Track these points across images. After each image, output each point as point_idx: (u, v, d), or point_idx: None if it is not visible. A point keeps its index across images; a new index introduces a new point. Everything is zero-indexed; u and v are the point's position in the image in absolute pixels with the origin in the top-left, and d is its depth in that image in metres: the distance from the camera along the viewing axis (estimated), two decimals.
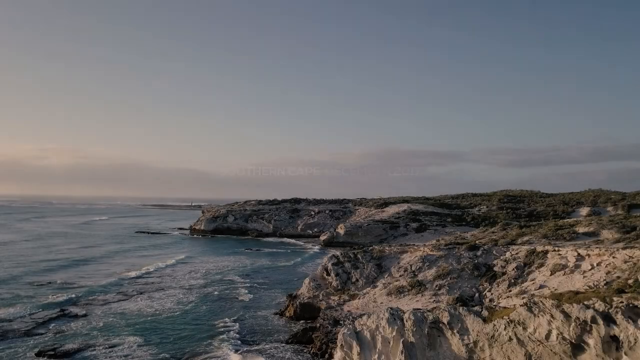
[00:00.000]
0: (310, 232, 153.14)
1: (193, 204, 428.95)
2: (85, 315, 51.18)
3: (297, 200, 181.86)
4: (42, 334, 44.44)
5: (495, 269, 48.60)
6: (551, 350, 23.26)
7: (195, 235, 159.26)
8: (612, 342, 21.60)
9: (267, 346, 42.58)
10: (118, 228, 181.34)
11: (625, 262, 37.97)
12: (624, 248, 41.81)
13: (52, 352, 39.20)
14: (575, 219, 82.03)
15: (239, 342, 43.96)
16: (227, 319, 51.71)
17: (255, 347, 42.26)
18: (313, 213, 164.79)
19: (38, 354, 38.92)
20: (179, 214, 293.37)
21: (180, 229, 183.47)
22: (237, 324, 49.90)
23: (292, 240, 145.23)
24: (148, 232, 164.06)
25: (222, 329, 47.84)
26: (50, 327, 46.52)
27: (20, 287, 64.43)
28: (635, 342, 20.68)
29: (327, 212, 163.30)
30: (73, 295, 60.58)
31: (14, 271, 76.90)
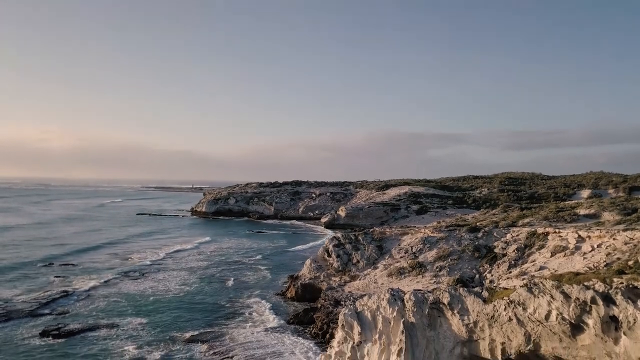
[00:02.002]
0: (312, 214, 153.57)
1: (194, 187, 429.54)
2: (88, 296, 51.64)
3: (298, 183, 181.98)
4: (46, 314, 44.91)
5: (496, 250, 48.80)
6: (550, 330, 23.43)
7: (196, 217, 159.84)
8: (612, 323, 21.73)
9: (268, 326, 43.02)
10: (130, 211, 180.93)
11: (626, 243, 38.07)
12: (624, 230, 41.89)
13: (57, 332, 39.66)
14: (576, 201, 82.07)
15: (240, 322, 44.42)
16: (228, 299, 52.15)
17: (257, 327, 42.68)
18: (314, 195, 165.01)
19: (42, 334, 39.40)
20: (184, 197, 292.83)
21: (181, 210, 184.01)
22: (239, 304, 50.34)
23: (293, 223, 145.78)
24: (149, 214, 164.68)
25: (223, 310, 48.28)
26: (54, 308, 47.00)
27: (29, 269, 64.79)
28: (635, 322, 20.80)
29: (328, 194, 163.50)
30: (77, 276, 61.07)
31: (27, 253, 77.45)
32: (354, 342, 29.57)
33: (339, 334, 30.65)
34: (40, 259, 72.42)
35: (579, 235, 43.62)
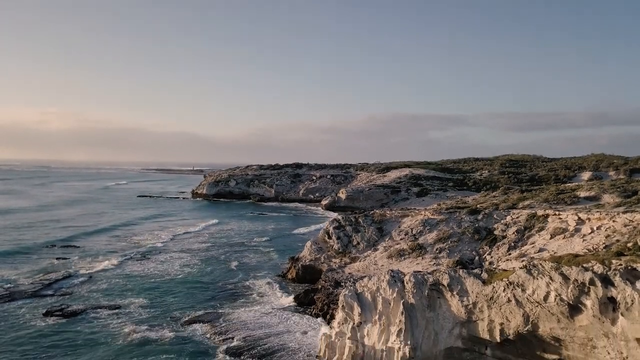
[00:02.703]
0: (312, 196, 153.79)
1: (194, 169, 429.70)
2: (91, 278, 52.05)
3: (298, 165, 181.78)
4: (48, 295, 45.34)
5: (496, 232, 48.98)
6: (549, 311, 23.65)
7: (197, 200, 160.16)
8: (609, 304, 21.92)
9: (269, 307, 43.44)
10: (135, 193, 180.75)
11: (625, 225, 38.17)
12: (624, 212, 41.95)
13: (60, 313, 40.10)
14: (576, 184, 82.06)
15: (242, 300, 44.87)
16: (230, 281, 52.58)
17: (258, 308, 43.11)
18: (315, 178, 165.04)
19: (46, 314, 39.85)
20: (186, 179, 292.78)
21: (183, 192, 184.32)
22: (240, 285, 50.78)
23: (294, 205, 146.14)
24: (150, 196, 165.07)
25: (225, 290, 48.72)
26: (57, 289, 47.41)
27: (32, 251, 65.02)
28: (633, 303, 20.98)
29: (328, 177, 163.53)
30: (79, 258, 61.49)
31: (31, 236, 77.89)
32: (354, 323, 29.90)
33: (339, 315, 30.96)
34: (44, 241, 72.76)
35: (579, 218, 43.73)
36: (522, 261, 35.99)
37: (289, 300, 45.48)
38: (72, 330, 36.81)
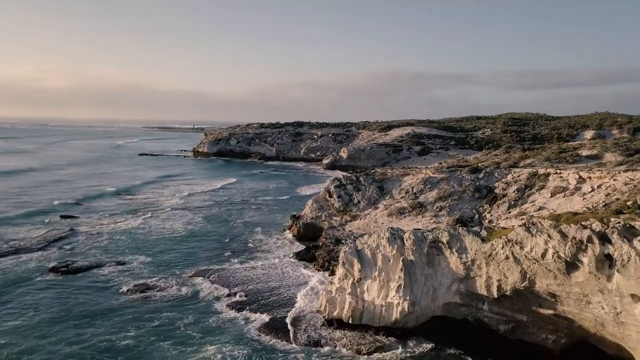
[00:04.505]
0: (313, 155, 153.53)
1: (195, 127, 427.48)
2: (95, 236, 52.70)
3: (300, 124, 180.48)
4: (53, 252, 45.97)
5: (496, 191, 49.14)
6: (546, 268, 24.00)
7: (199, 158, 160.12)
8: (606, 261, 22.20)
9: (271, 262, 44.19)
10: (144, 151, 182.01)
11: (626, 184, 38.21)
12: (625, 171, 41.90)
13: (65, 269, 40.85)
14: (579, 142, 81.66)
15: (245, 257, 45.62)
16: (232, 238, 53.26)
17: (260, 263, 43.87)
18: (316, 137, 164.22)
19: (51, 270, 40.59)
20: (191, 137, 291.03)
21: (184, 151, 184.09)
22: (243, 242, 51.48)
23: (295, 164, 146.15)
24: (152, 154, 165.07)
25: (228, 247, 49.43)
26: (61, 247, 48.04)
27: (38, 210, 65.41)
28: (629, 260, 21.25)
29: (330, 135, 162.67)
30: (84, 217, 62.13)
31: (37, 194, 78.49)
32: (354, 279, 30.47)
33: (339, 271, 31.51)
34: (50, 199, 73.33)
35: (580, 176, 43.72)
36: (522, 219, 36.28)
37: (290, 257, 46.22)
38: (76, 285, 37.61)
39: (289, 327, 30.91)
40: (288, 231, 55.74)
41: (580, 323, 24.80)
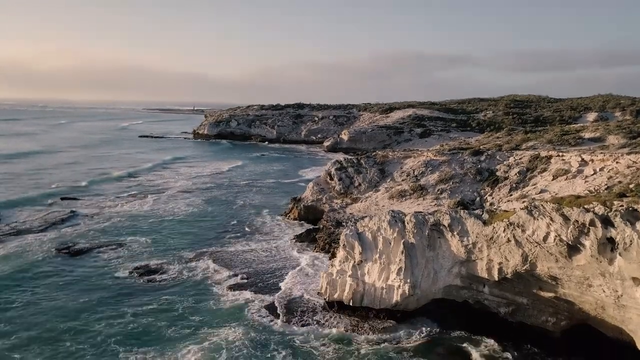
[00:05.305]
0: (314, 138, 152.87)
1: (195, 109, 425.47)
2: (96, 217, 52.71)
3: (300, 106, 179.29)
4: (55, 234, 45.98)
5: (498, 173, 48.93)
6: (547, 251, 23.95)
7: (199, 140, 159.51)
8: (608, 244, 22.12)
9: (271, 244, 44.26)
10: (148, 132, 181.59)
11: (629, 167, 37.98)
12: (628, 153, 41.62)
13: (67, 251, 40.96)
14: (581, 125, 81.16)
15: (246, 239, 45.69)
16: (233, 220, 53.30)
17: (261, 245, 43.96)
18: (317, 119, 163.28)
19: (54, 251, 40.58)
20: (193, 119, 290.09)
21: (184, 132, 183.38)
22: (244, 224, 51.52)
23: (296, 146, 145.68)
24: (152, 136, 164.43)
25: (229, 229, 49.50)
26: (62, 228, 48.05)
27: (40, 193, 65.13)
28: (631, 243, 21.16)
29: (331, 117, 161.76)
30: (86, 199, 62.14)
31: (40, 177, 78.31)
32: (355, 262, 30.48)
33: (340, 254, 31.52)
34: (52, 182, 73.24)
35: (582, 159, 43.47)
36: (523, 202, 36.13)
37: (291, 239, 46.28)
38: (78, 266, 37.75)
39: (289, 308, 31.05)
40: (289, 214, 55.73)
41: (581, 306, 24.86)
